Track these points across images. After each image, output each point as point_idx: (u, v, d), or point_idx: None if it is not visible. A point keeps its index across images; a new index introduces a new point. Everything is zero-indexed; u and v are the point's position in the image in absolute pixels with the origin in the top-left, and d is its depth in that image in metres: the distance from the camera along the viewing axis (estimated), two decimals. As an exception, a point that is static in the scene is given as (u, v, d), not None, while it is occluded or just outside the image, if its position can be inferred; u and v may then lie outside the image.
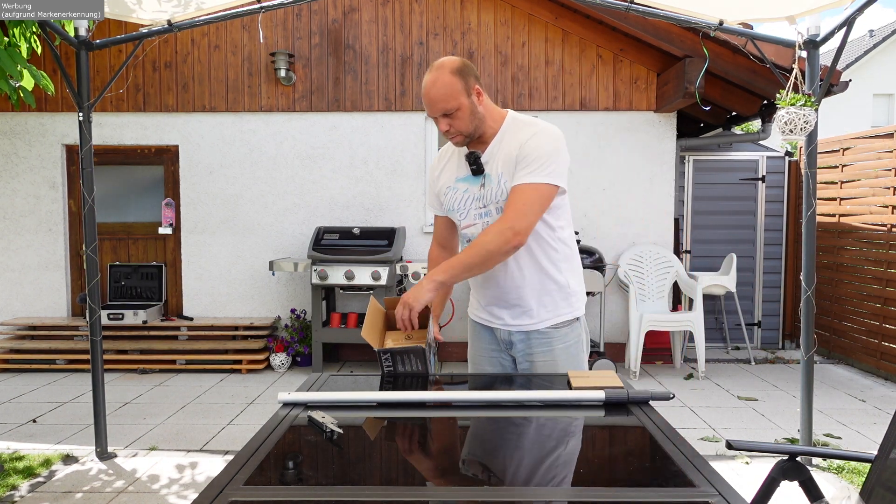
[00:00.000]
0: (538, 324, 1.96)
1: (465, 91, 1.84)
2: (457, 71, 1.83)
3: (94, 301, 3.48)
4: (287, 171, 5.74)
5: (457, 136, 1.90)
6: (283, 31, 5.68)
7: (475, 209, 1.96)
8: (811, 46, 3.24)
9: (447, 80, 1.82)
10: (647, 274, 5.56)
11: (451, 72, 1.83)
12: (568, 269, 1.98)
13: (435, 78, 1.83)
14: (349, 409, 1.50)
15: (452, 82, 1.83)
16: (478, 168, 1.92)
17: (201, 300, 5.82)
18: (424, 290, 1.77)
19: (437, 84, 1.83)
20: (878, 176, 5.35)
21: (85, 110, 3.41)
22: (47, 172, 5.78)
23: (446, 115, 1.85)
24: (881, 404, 4.51)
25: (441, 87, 1.82)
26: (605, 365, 4.97)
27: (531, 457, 1.27)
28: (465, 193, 1.97)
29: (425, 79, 1.85)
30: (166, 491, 3.08)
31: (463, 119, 1.86)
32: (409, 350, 1.79)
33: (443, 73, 1.83)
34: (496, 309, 2.01)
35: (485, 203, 1.93)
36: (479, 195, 1.94)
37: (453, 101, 1.83)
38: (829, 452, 1.60)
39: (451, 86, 1.83)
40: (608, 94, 5.63)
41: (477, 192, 1.94)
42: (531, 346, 1.98)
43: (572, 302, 1.98)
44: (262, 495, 1.05)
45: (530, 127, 1.90)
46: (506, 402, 1.55)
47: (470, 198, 1.96)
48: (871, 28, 19.99)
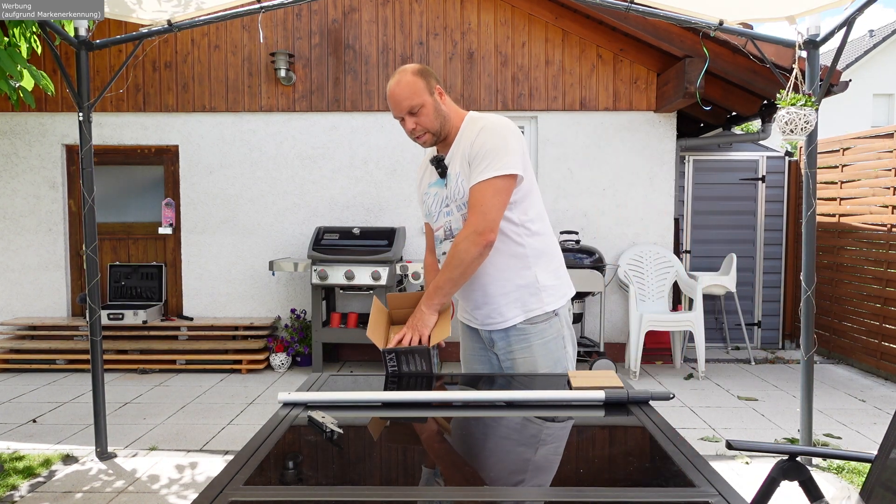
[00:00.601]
0: (508, 321, 1.99)
1: (427, 89, 1.94)
2: (418, 72, 1.95)
3: (94, 301, 3.48)
4: (287, 171, 5.74)
5: (424, 135, 1.98)
6: (283, 31, 5.68)
7: (441, 210, 2.04)
8: (811, 46, 3.24)
9: (409, 80, 1.93)
10: (647, 274, 5.56)
11: (412, 73, 1.94)
12: (537, 264, 1.98)
13: (398, 79, 1.94)
14: (349, 409, 1.50)
15: (415, 81, 1.93)
16: (442, 171, 2.00)
17: (201, 300, 5.82)
18: (428, 316, 1.90)
19: (400, 84, 1.93)
20: (878, 176, 5.36)
21: (85, 110, 3.41)
22: (47, 172, 5.78)
23: (412, 113, 1.94)
24: (881, 404, 4.51)
25: (405, 87, 1.93)
26: (605, 365, 4.98)
27: (531, 457, 1.27)
28: (436, 197, 2.06)
29: (389, 84, 1.96)
30: (166, 491, 3.08)
31: (428, 116, 1.95)
32: (413, 350, 1.81)
33: (405, 75, 1.94)
34: (470, 309, 2.08)
35: (447, 203, 2.01)
36: (441, 196, 2.04)
37: (417, 99, 1.92)
38: (829, 452, 1.60)
39: (414, 84, 1.93)
40: (608, 94, 5.63)
41: (442, 193, 2.03)
42: (510, 343, 2.00)
43: (543, 297, 1.98)
44: (262, 495, 1.05)
45: (477, 123, 1.96)
46: (506, 401, 1.55)
47: (439, 200, 2.05)
48: (871, 28, 20.00)
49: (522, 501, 1.08)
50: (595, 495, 1.06)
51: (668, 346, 5.70)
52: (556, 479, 1.17)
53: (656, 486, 1.13)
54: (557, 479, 1.17)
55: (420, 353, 1.80)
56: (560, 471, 1.21)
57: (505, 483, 1.15)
